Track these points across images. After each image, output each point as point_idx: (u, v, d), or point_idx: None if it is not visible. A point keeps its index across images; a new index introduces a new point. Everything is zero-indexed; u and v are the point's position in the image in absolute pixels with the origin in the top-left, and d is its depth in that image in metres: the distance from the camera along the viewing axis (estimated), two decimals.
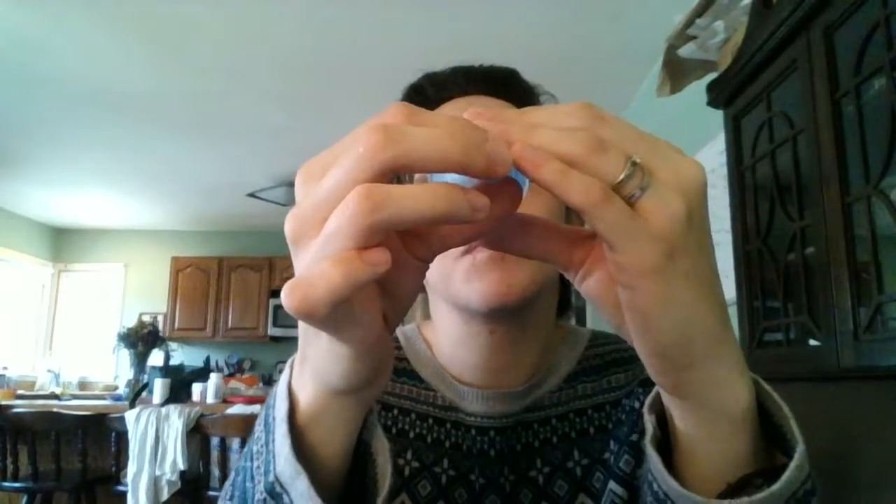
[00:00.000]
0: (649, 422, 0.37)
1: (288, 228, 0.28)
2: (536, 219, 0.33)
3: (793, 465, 0.33)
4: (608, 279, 0.32)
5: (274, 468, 0.35)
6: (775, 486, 0.32)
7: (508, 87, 0.63)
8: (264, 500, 0.36)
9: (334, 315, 0.27)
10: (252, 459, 0.38)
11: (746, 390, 0.34)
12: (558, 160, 0.27)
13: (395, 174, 0.26)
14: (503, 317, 0.55)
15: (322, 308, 0.26)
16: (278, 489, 0.35)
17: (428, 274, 0.58)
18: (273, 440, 0.36)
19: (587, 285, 0.33)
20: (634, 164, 0.28)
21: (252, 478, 0.37)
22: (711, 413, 0.34)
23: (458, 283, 0.54)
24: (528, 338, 0.59)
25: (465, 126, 0.27)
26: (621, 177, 0.28)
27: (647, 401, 0.39)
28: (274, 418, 0.36)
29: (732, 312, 1.54)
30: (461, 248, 0.53)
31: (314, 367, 0.33)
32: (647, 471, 0.37)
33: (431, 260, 0.31)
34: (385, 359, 0.33)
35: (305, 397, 0.35)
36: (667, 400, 0.36)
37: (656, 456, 0.36)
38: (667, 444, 0.38)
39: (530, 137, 0.28)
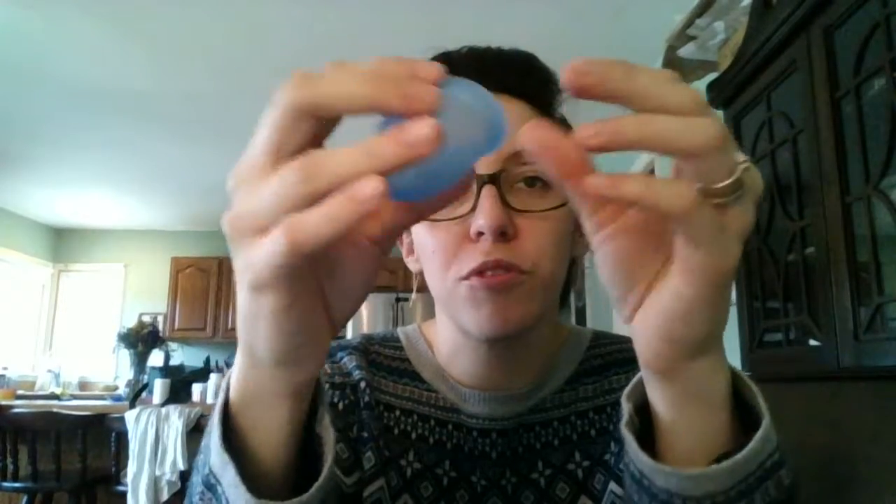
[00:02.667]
0: (626, 409, 0.38)
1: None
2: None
3: (757, 436, 0.34)
4: (633, 250, 0.31)
5: (209, 459, 0.35)
6: (739, 456, 0.33)
7: (526, 73, 0.58)
8: (202, 493, 0.36)
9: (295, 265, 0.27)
10: (200, 454, 0.38)
11: (727, 374, 0.36)
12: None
13: (312, 116, 0.27)
14: (502, 341, 0.55)
15: (309, 247, 0.26)
16: (212, 480, 0.35)
17: (430, 284, 0.58)
18: (210, 432, 0.36)
19: (608, 250, 0.32)
20: (745, 169, 0.28)
21: (197, 472, 0.38)
22: (698, 397, 0.35)
23: (456, 306, 0.54)
24: (528, 349, 0.59)
25: (384, 66, 0.27)
26: (731, 180, 0.28)
27: (626, 390, 0.39)
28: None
29: (732, 312, 1.54)
30: (462, 272, 0.52)
31: (241, 336, 0.32)
32: (625, 454, 0.38)
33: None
34: (312, 337, 0.32)
35: (235, 376, 0.35)
36: (653, 386, 0.36)
37: (631, 437, 0.37)
38: (646, 433, 0.38)
39: (650, 125, 0.26)
